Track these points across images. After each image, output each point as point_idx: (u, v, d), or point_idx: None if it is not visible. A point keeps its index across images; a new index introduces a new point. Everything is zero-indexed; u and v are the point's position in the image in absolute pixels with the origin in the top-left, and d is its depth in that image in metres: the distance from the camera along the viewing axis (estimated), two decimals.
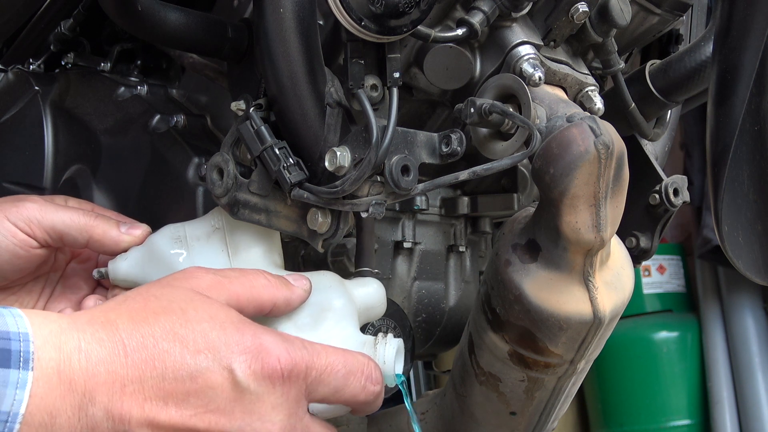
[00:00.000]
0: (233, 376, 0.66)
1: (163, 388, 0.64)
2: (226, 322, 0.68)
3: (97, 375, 0.63)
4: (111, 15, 0.80)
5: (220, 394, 0.66)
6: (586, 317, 0.79)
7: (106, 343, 0.64)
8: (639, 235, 1.04)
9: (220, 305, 0.70)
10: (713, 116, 0.83)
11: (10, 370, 0.60)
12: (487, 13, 0.81)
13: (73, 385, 0.62)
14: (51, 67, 1.22)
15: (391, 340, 0.78)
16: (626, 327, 2.69)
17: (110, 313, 0.66)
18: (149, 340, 0.65)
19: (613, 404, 2.75)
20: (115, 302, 0.69)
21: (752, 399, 2.55)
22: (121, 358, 0.64)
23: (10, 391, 0.59)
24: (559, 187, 0.73)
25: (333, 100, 0.77)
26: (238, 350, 0.67)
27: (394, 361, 0.77)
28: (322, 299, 0.79)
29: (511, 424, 0.92)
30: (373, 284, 0.84)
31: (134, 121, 1.04)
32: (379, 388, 0.74)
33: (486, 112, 0.77)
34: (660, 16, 0.94)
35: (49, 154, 1.08)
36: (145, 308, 0.67)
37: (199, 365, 0.66)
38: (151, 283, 0.72)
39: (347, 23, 0.73)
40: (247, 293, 0.73)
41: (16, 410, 0.59)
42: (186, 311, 0.68)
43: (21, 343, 0.61)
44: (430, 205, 1.06)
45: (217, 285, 0.72)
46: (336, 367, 0.71)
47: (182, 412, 0.65)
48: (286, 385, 0.68)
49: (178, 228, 0.85)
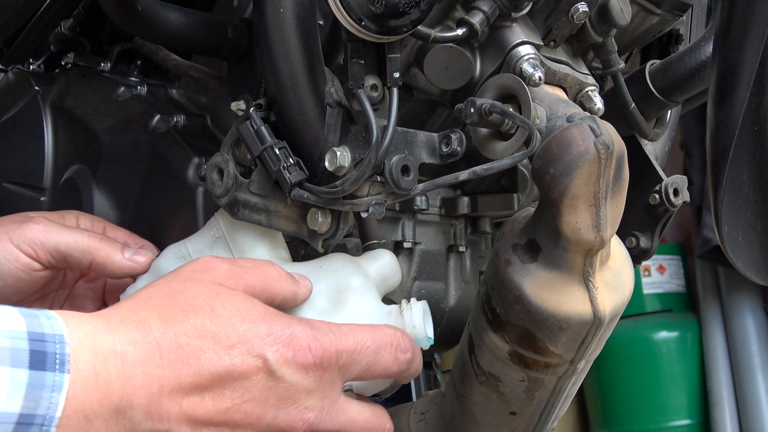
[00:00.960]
0: (267, 365, 0.67)
1: (200, 384, 0.65)
2: (254, 314, 0.69)
3: (134, 377, 0.62)
4: (111, 15, 0.80)
5: (256, 384, 0.67)
6: (586, 317, 0.79)
7: (141, 344, 0.64)
8: (639, 235, 1.04)
9: (245, 297, 0.71)
10: (713, 116, 0.83)
11: (45, 373, 0.59)
12: (487, 13, 0.81)
13: (109, 388, 0.61)
14: (51, 67, 1.22)
15: (415, 303, 0.79)
16: (626, 327, 2.69)
17: (140, 312, 0.66)
18: (183, 338, 0.65)
19: (613, 404, 2.75)
20: (141, 300, 0.68)
21: (752, 399, 2.55)
22: (156, 359, 0.64)
23: (46, 394, 0.58)
24: (559, 187, 0.73)
25: (333, 100, 0.77)
26: (270, 341, 0.68)
27: (423, 323, 0.78)
28: (338, 281, 0.79)
29: (511, 424, 0.92)
30: (386, 255, 0.84)
31: (134, 121, 1.04)
32: (410, 355, 0.75)
33: (486, 112, 0.77)
34: (660, 16, 0.94)
35: (49, 154, 1.08)
36: (172, 305, 0.67)
37: (233, 359, 0.66)
38: (170, 277, 0.72)
39: (347, 23, 0.73)
40: (261, 284, 0.74)
41: (52, 414, 0.58)
42: (214, 307, 0.68)
43: (57, 345, 0.60)
44: (430, 205, 1.06)
45: (234, 275, 0.73)
46: (365, 344, 0.72)
47: (219, 406, 0.65)
48: (318, 371, 0.69)
49: (180, 247, 0.85)
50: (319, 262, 0.82)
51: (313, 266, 0.81)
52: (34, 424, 0.58)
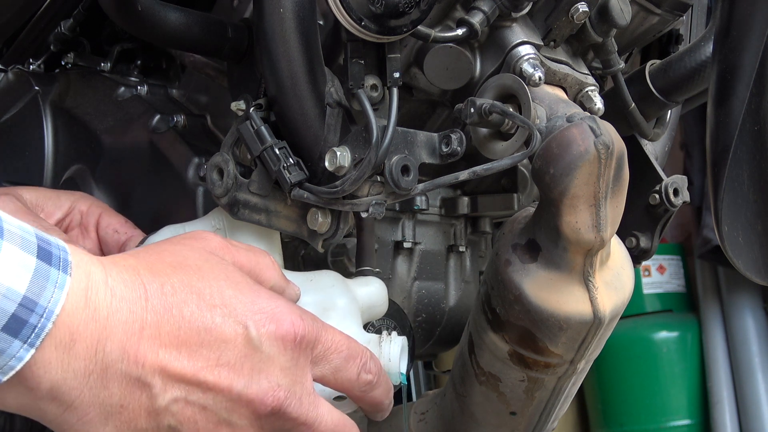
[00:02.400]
0: (247, 332, 0.66)
1: (179, 336, 0.64)
2: (242, 283, 0.69)
3: (119, 311, 0.61)
4: (111, 15, 0.80)
5: (233, 349, 0.66)
6: (586, 317, 0.79)
7: (129, 284, 0.63)
8: (639, 235, 1.04)
9: (234, 267, 0.70)
10: (713, 116, 0.83)
11: (51, 268, 0.58)
12: (487, 13, 0.81)
13: (97, 313, 0.60)
14: (51, 67, 1.23)
15: (396, 338, 0.78)
16: (626, 327, 2.69)
17: (129, 259, 0.66)
18: (168, 288, 0.64)
19: (613, 404, 2.75)
20: (129, 254, 0.68)
21: (752, 399, 2.55)
22: (142, 301, 0.63)
23: (50, 286, 0.58)
24: (559, 187, 0.73)
25: (333, 100, 0.77)
26: (254, 310, 0.67)
27: (399, 358, 0.78)
28: (324, 298, 0.79)
29: (511, 424, 0.92)
30: (375, 283, 0.84)
31: (134, 121, 1.04)
32: (372, 378, 0.74)
33: (486, 112, 0.77)
34: (660, 16, 0.94)
35: (49, 154, 1.08)
36: (161, 261, 0.67)
37: (214, 319, 0.65)
38: (161, 241, 0.72)
39: (347, 23, 0.73)
40: (250, 265, 0.73)
41: (52, 308, 0.57)
42: (201, 268, 0.68)
43: (60, 252, 0.59)
44: (430, 205, 1.06)
45: (225, 248, 0.72)
46: (340, 347, 0.72)
47: (194, 363, 0.65)
48: (296, 351, 0.68)
49: (178, 228, 0.85)
50: (310, 275, 0.82)
51: (303, 278, 0.81)
52: (35, 312, 0.57)
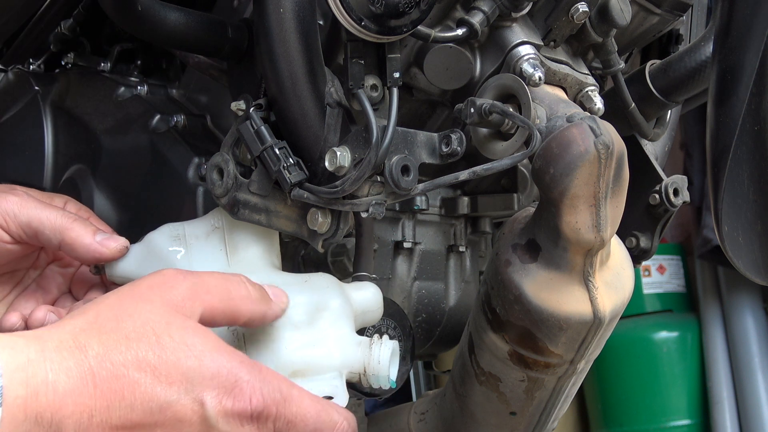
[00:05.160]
0: (203, 410, 0.65)
1: (131, 419, 0.63)
2: (204, 351, 0.67)
3: (65, 407, 0.61)
4: (111, 15, 0.80)
5: (188, 428, 0.65)
6: (586, 317, 0.79)
7: (74, 373, 0.62)
8: (639, 235, 1.04)
9: (197, 329, 0.68)
10: (713, 116, 0.83)
11: None
12: (487, 13, 0.81)
13: (40, 418, 0.60)
14: (51, 67, 1.23)
15: (387, 341, 0.78)
16: (626, 327, 2.68)
17: (80, 336, 0.64)
18: (120, 369, 0.63)
19: (613, 404, 2.75)
20: (86, 320, 0.66)
21: (752, 399, 2.55)
22: (89, 389, 0.62)
23: None
24: (559, 187, 0.73)
25: (333, 100, 0.77)
26: (212, 384, 0.66)
27: (389, 362, 0.77)
28: (318, 299, 0.79)
29: (511, 424, 0.92)
30: (371, 288, 0.84)
31: (134, 121, 1.04)
32: None
33: (486, 112, 0.77)
34: (660, 16, 0.94)
35: (49, 154, 1.08)
36: (118, 330, 0.65)
37: (169, 397, 0.64)
38: (126, 291, 0.70)
39: (347, 23, 0.73)
40: (223, 305, 0.72)
41: None
42: (161, 338, 0.66)
43: None
44: (430, 205, 1.06)
45: (193, 295, 0.70)
46: (306, 419, 0.70)
47: None
48: (254, 425, 0.67)
49: (177, 227, 0.85)
50: (306, 276, 0.81)
51: (299, 279, 0.81)
52: None
